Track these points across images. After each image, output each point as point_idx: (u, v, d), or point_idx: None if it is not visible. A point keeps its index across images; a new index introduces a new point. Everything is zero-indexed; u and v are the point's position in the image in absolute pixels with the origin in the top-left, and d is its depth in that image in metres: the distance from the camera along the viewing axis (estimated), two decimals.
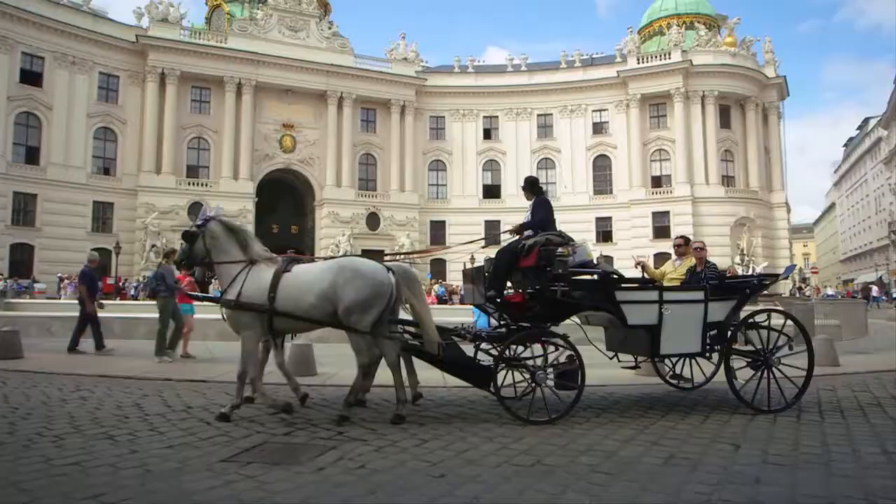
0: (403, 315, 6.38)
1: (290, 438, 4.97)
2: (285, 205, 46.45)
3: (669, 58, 43.97)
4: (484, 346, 6.16)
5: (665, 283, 6.85)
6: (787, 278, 8.29)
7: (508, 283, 6.38)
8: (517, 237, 6.41)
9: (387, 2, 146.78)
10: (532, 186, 6.76)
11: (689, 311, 6.08)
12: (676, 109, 43.67)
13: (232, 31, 43.66)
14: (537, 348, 6.31)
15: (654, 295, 6.15)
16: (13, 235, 34.78)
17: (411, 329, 6.22)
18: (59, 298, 28.50)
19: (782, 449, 4.67)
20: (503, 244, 6.58)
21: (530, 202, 6.67)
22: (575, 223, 44.84)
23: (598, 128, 46.96)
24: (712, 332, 6.16)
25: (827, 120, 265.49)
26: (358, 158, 45.87)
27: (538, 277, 5.94)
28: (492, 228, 46.53)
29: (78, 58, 38.09)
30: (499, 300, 6.18)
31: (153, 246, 31.24)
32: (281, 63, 42.65)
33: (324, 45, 44.83)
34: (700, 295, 6.16)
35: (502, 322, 6.41)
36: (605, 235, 45.21)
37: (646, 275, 7.30)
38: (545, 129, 47.87)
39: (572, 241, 6.32)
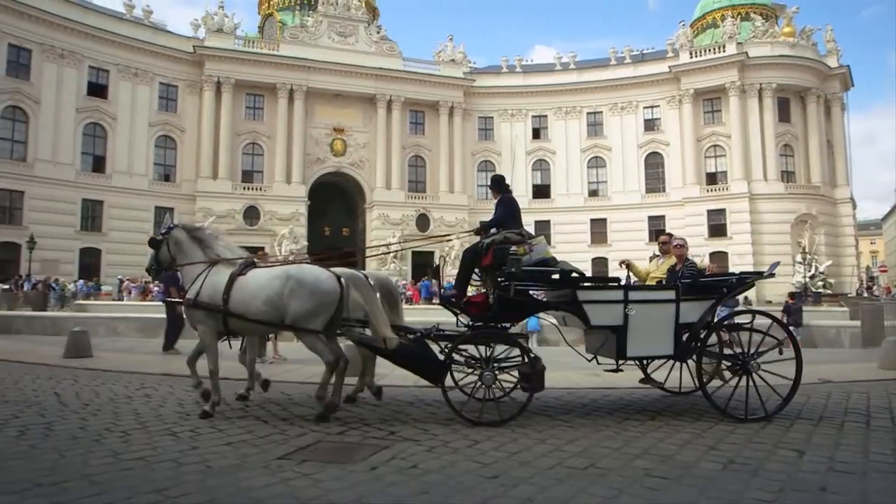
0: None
1: (343, 437, 5.04)
2: (336, 207, 47.21)
3: (724, 51, 42.66)
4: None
5: (648, 283, 6.68)
6: (772, 276, 7.70)
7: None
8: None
9: (434, 4, 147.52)
10: (498, 185, 6.63)
11: (658, 312, 5.78)
12: (732, 104, 42.33)
13: (284, 39, 44.73)
14: (504, 349, 6.13)
15: (618, 294, 5.86)
16: (82, 240, 36.50)
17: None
18: (122, 300, 29.75)
19: (850, 456, 4.47)
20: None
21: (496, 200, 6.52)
22: (627, 222, 44.29)
23: (650, 125, 45.96)
24: (689, 334, 5.89)
25: None
26: (407, 160, 46.25)
27: (493, 276, 5.87)
28: (542, 229, 46.12)
29: (140, 70, 39.79)
30: (453, 300, 6.15)
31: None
32: (331, 68, 43.41)
33: (372, 50, 45.40)
34: (671, 294, 5.87)
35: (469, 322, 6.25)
36: (657, 234, 43.91)
37: (632, 274, 7.12)
38: (595, 127, 47.17)
39: (530, 239, 6.11)
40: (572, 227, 45.11)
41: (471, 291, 6.44)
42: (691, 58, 43.73)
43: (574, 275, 6.06)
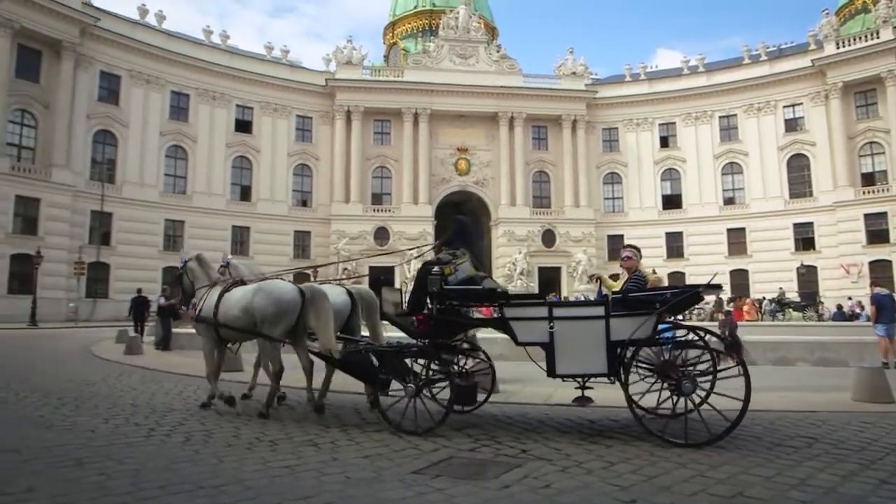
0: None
1: (475, 454, 5.08)
2: None
3: (878, 37, 38.63)
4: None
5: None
6: (719, 287, 6.47)
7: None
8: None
9: (551, 18, 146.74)
10: (454, 207, 6.86)
11: (587, 328, 5.56)
12: (890, 95, 38.08)
13: (407, 66, 46.60)
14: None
15: (542, 311, 5.70)
16: None
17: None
18: None
19: None
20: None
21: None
22: (768, 231, 41.11)
23: (792, 124, 42.53)
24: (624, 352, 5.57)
25: None
26: (531, 176, 46.17)
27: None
28: (673, 241, 44.14)
29: (280, 105, 43.25)
30: (396, 317, 6.61)
31: (344, 269, 34.02)
32: (453, 90, 44.52)
33: (493, 69, 46.00)
34: (599, 311, 5.59)
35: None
36: (805, 243, 40.59)
37: (603, 289, 6.78)
38: (728, 131, 44.46)
39: (455, 259, 6.30)
40: (707, 237, 42.69)
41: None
42: (838, 48, 40.01)
43: (499, 291, 6.26)
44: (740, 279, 41.25)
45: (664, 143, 46.09)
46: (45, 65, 34.32)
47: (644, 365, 5.76)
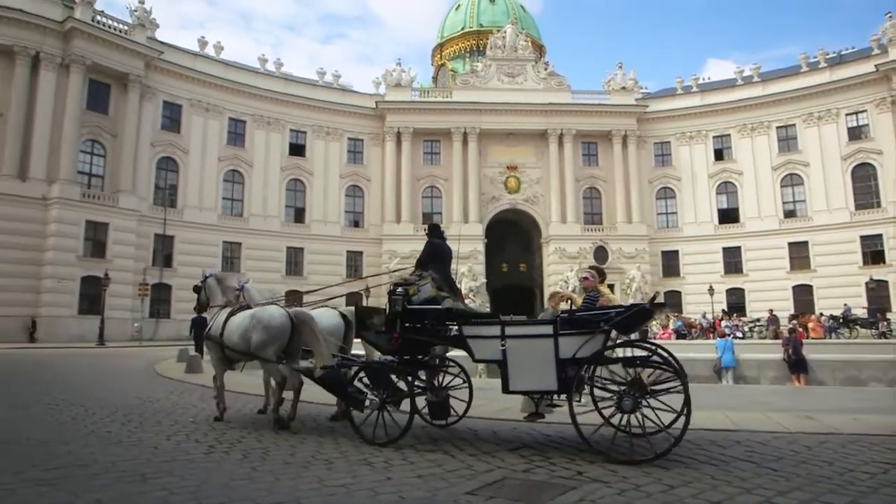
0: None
1: (529, 475, 5.00)
2: (513, 244, 47.83)
3: None
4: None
5: None
6: (663, 305, 6.07)
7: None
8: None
9: (599, 34, 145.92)
10: (428, 230, 7.61)
11: (537, 347, 5.71)
12: None
13: (456, 86, 47.09)
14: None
15: (496, 330, 5.90)
16: (287, 284, 40.76)
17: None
18: None
19: None
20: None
21: None
22: (833, 244, 39.34)
23: (855, 133, 40.84)
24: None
25: None
26: (581, 193, 45.72)
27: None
28: (731, 256, 42.83)
29: (331, 128, 44.34)
30: (374, 336, 6.95)
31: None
32: (502, 109, 44.68)
33: (541, 86, 46.00)
34: (548, 329, 5.73)
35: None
36: (874, 256, 38.67)
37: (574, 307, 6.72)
38: (787, 141, 43.03)
39: (420, 280, 6.65)
40: (766, 252, 41.25)
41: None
42: None
43: (456, 310, 6.47)
44: (804, 295, 39.60)
45: (719, 155, 44.96)
46: (114, 97, 36.23)
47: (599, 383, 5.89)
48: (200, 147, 39.83)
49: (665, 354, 5.51)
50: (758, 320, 32.82)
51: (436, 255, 7.29)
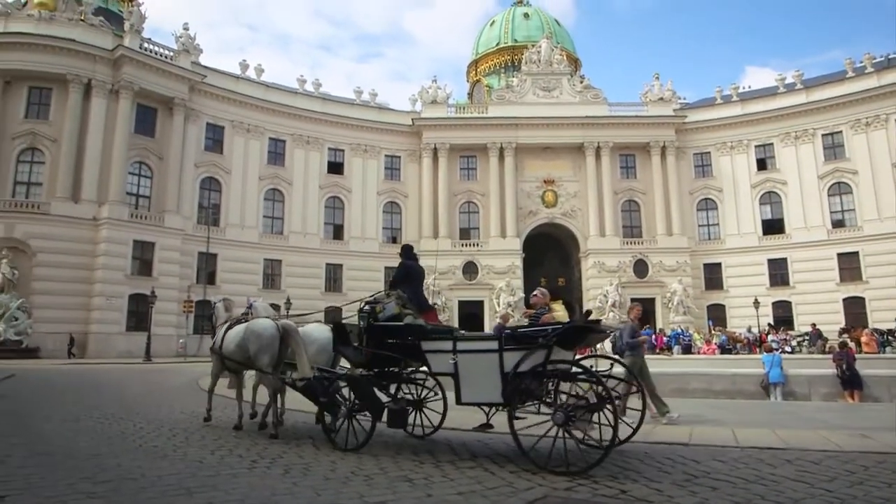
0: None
1: (570, 493, 4.92)
2: (551, 258, 47.52)
3: None
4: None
5: None
6: (597, 322, 5.70)
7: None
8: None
9: (634, 46, 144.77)
10: (401, 251, 8.27)
11: (483, 361, 6.01)
12: None
13: (491, 101, 47.31)
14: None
15: (448, 345, 6.27)
16: (326, 300, 41.29)
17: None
18: None
19: None
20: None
21: None
22: (886, 254, 37.85)
23: None
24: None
25: None
26: (620, 206, 45.21)
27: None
28: (776, 268, 41.69)
29: (369, 146, 44.99)
30: (342, 350, 7.52)
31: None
32: (538, 123, 44.64)
33: (577, 100, 45.82)
34: (493, 345, 6.04)
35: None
36: None
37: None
38: (834, 149, 41.80)
39: (387, 299, 7.13)
40: (814, 263, 39.95)
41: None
42: None
43: (414, 326, 6.83)
44: (856, 308, 38.18)
45: (761, 165, 43.95)
46: (160, 120, 37.55)
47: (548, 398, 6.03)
48: (242, 167, 40.84)
49: (586, 369, 6.01)
50: (806, 334, 31.74)
51: (408, 276, 7.81)
